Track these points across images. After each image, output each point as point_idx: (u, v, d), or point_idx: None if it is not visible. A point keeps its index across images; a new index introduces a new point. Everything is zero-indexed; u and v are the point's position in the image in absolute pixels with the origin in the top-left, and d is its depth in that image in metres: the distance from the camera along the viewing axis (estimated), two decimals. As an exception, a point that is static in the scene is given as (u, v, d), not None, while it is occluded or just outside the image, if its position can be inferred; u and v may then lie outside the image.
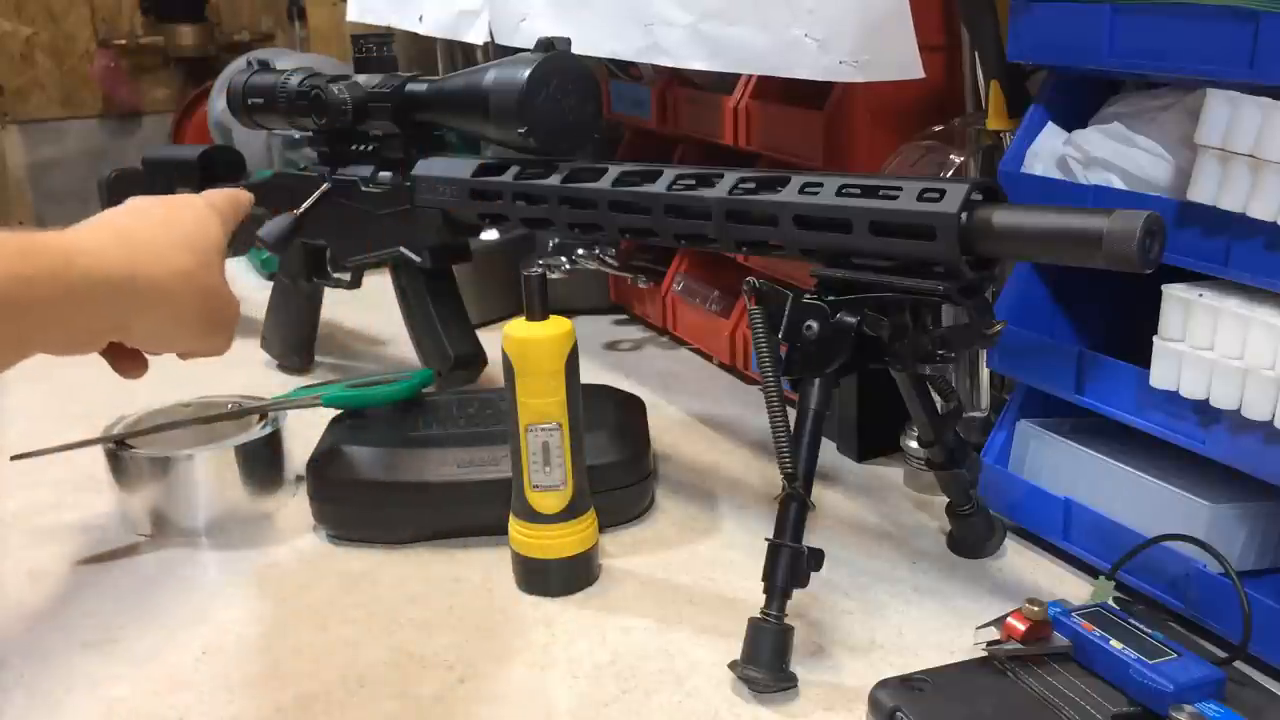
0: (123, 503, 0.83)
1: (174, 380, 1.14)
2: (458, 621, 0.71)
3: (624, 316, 1.31)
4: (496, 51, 1.09)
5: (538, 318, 0.69)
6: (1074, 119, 0.74)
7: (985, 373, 0.85)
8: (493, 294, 1.23)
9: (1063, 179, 0.72)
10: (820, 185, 0.65)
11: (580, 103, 0.84)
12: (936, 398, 0.71)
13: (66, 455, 0.83)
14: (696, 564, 0.77)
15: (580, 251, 1.15)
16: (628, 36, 0.96)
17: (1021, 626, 0.59)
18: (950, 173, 0.84)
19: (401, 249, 0.97)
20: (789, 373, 0.66)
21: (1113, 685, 0.57)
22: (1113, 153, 0.69)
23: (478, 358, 1.00)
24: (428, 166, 0.92)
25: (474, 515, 0.78)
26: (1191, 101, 0.65)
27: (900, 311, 0.64)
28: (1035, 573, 0.74)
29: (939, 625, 0.68)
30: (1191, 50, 0.62)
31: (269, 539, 0.82)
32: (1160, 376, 0.64)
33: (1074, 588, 0.71)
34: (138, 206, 0.64)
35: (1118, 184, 0.69)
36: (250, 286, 1.42)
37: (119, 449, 0.82)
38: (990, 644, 0.60)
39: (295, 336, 1.14)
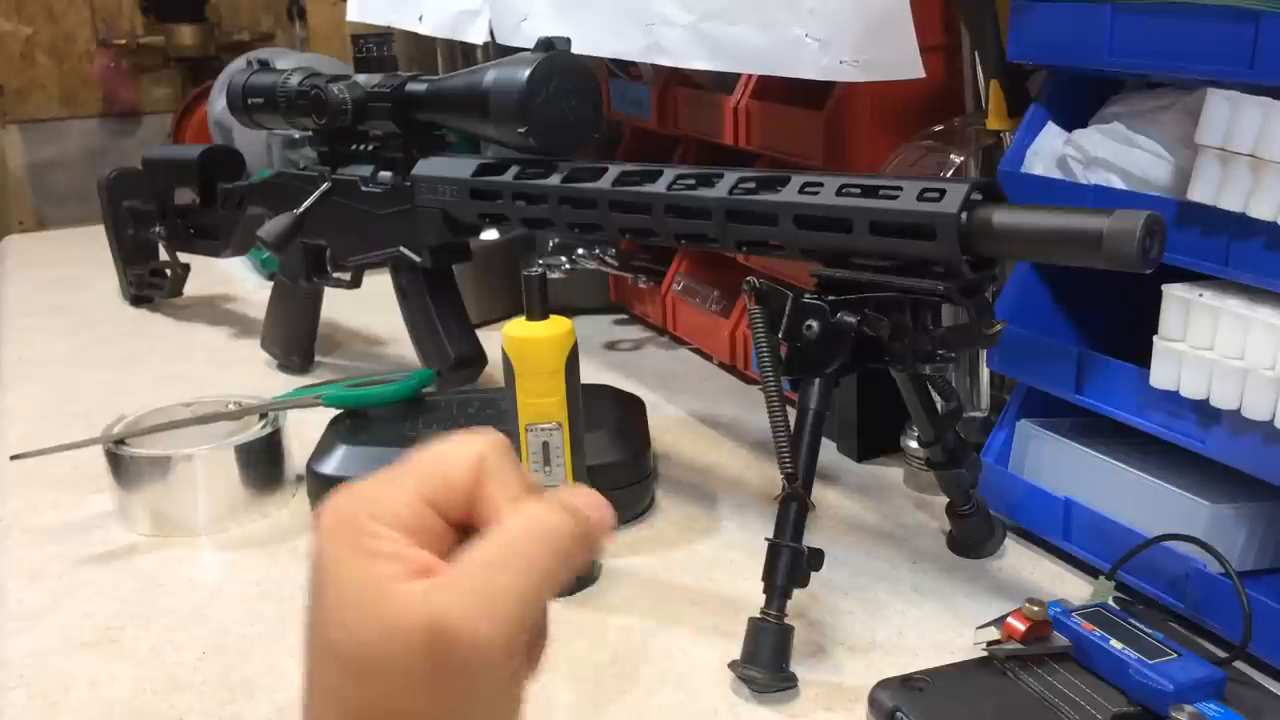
0: (123, 503, 0.83)
1: (174, 380, 1.15)
2: (458, 621, 0.70)
3: (624, 316, 1.30)
4: (497, 51, 1.09)
5: (538, 318, 0.69)
6: (1074, 119, 0.74)
7: (985, 373, 0.85)
8: (493, 294, 1.23)
9: (1063, 179, 0.71)
10: (820, 185, 0.65)
11: (580, 103, 0.84)
12: (936, 398, 0.71)
13: (66, 455, 0.83)
14: (696, 564, 0.77)
15: (580, 251, 1.15)
16: (628, 36, 0.96)
17: (1021, 626, 0.59)
18: (950, 173, 0.84)
19: (401, 249, 0.97)
20: (789, 373, 0.66)
21: (1113, 685, 0.57)
22: (1113, 153, 0.69)
23: (478, 358, 1.00)
24: (428, 166, 0.92)
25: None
26: (1191, 101, 0.65)
27: (900, 311, 0.64)
28: (1035, 573, 0.74)
29: (939, 625, 0.68)
30: (1191, 50, 0.62)
31: (269, 539, 0.82)
32: (1160, 376, 0.64)
33: (1074, 588, 0.71)
34: None
35: (1118, 184, 0.69)
36: (250, 286, 1.43)
37: (119, 449, 0.82)
38: (990, 644, 0.60)
39: (295, 336, 1.13)
